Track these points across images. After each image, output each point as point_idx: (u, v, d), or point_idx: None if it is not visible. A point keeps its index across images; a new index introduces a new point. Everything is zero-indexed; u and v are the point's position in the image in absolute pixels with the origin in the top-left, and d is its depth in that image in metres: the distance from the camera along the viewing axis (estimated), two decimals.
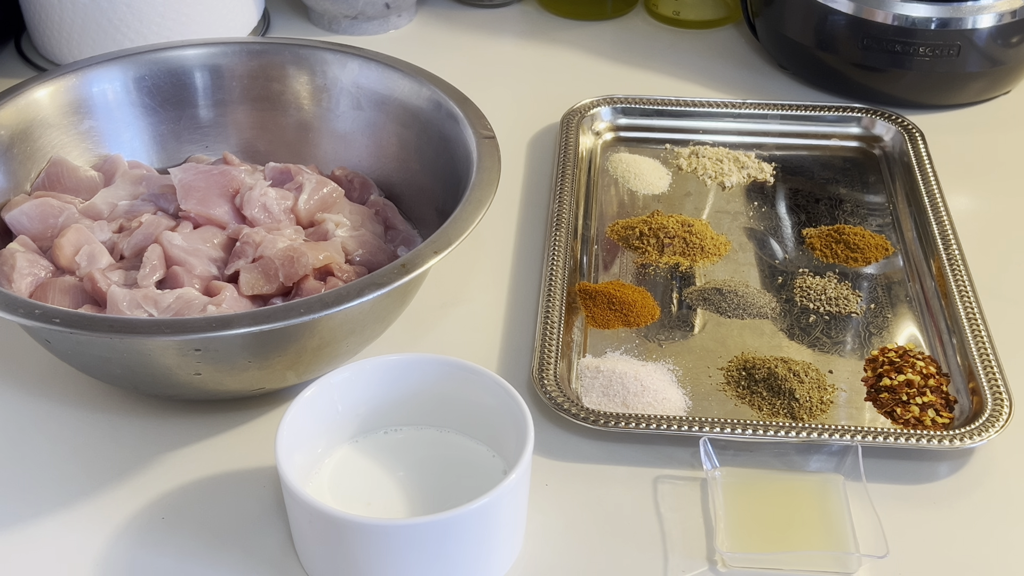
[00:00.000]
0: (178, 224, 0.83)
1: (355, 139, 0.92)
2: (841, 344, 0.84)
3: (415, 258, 0.72)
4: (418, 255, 0.72)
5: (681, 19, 1.23)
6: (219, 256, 0.81)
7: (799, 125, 1.05)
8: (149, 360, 0.72)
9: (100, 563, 0.69)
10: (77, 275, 0.80)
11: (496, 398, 0.70)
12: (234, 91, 0.93)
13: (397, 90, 0.90)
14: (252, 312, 0.68)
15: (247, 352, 0.71)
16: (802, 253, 0.93)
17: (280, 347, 0.72)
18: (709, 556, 0.70)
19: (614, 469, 0.75)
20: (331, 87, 0.92)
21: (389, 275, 0.70)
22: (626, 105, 1.06)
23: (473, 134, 0.83)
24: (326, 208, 0.85)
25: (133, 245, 0.81)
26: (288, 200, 0.84)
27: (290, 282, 0.78)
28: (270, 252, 0.79)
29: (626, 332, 0.85)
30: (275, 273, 0.78)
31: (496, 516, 0.66)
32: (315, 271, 0.79)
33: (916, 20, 1.04)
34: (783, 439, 0.75)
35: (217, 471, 0.75)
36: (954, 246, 0.90)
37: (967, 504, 0.73)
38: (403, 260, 0.71)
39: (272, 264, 0.78)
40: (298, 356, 0.73)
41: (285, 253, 0.79)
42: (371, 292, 0.69)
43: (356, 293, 0.69)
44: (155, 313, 0.75)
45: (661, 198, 0.98)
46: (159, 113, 0.93)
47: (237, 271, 0.79)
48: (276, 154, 0.93)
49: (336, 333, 0.74)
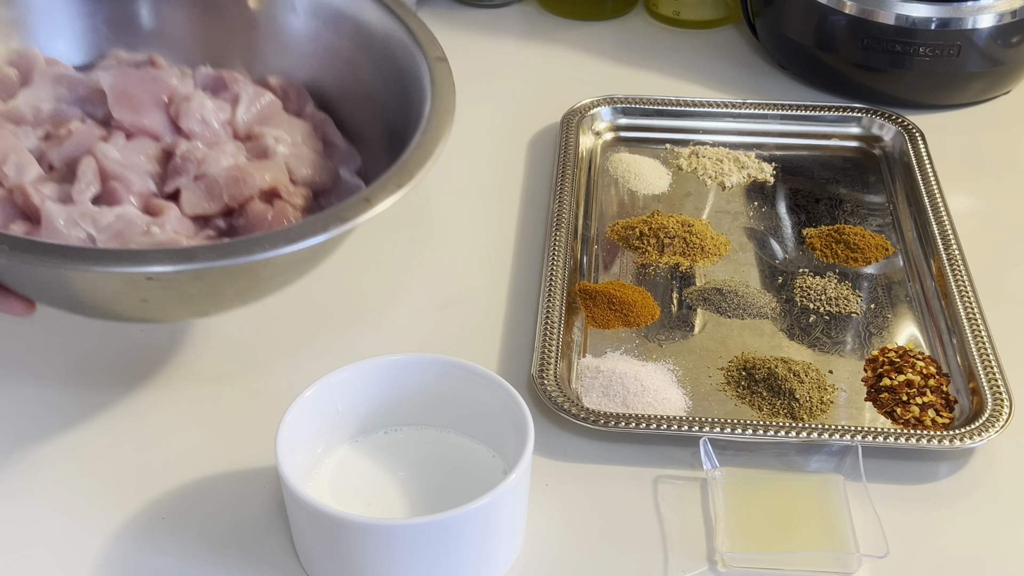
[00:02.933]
0: (110, 134, 0.78)
1: (292, 46, 0.87)
2: (841, 344, 0.84)
3: (378, 191, 0.69)
4: (381, 188, 0.69)
5: (681, 19, 1.23)
6: (156, 170, 0.77)
7: (799, 125, 1.05)
8: (96, 285, 0.69)
9: (100, 563, 0.69)
10: (4, 186, 0.74)
11: (496, 398, 0.70)
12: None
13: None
14: (216, 246, 0.65)
15: (200, 282, 0.69)
16: (802, 253, 0.93)
17: (233, 277, 0.70)
18: (709, 556, 0.70)
19: (614, 469, 0.75)
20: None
21: (353, 209, 0.67)
22: (626, 105, 1.06)
23: (424, 56, 0.79)
24: (264, 121, 0.81)
25: (64, 156, 0.76)
26: (226, 112, 0.80)
27: (235, 203, 0.75)
28: (214, 171, 0.76)
29: (626, 332, 0.85)
30: (219, 193, 0.75)
31: (496, 516, 0.66)
32: (261, 193, 0.76)
33: (916, 20, 1.04)
34: (783, 439, 0.75)
35: (217, 471, 0.75)
36: (954, 246, 0.90)
37: (967, 504, 0.73)
38: (366, 193, 0.68)
39: (216, 184, 0.75)
40: (249, 285, 0.72)
41: (230, 172, 0.75)
42: (336, 227, 0.66)
43: (321, 227, 0.66)
44: (94, 232, 0.71)
45: (661, 198, 0.98)
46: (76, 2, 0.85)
47: (178, 189, 0.76)
48: (204, 54, 0.86)
49: (291, 264, 0.73)
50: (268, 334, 0.85)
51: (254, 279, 0.72)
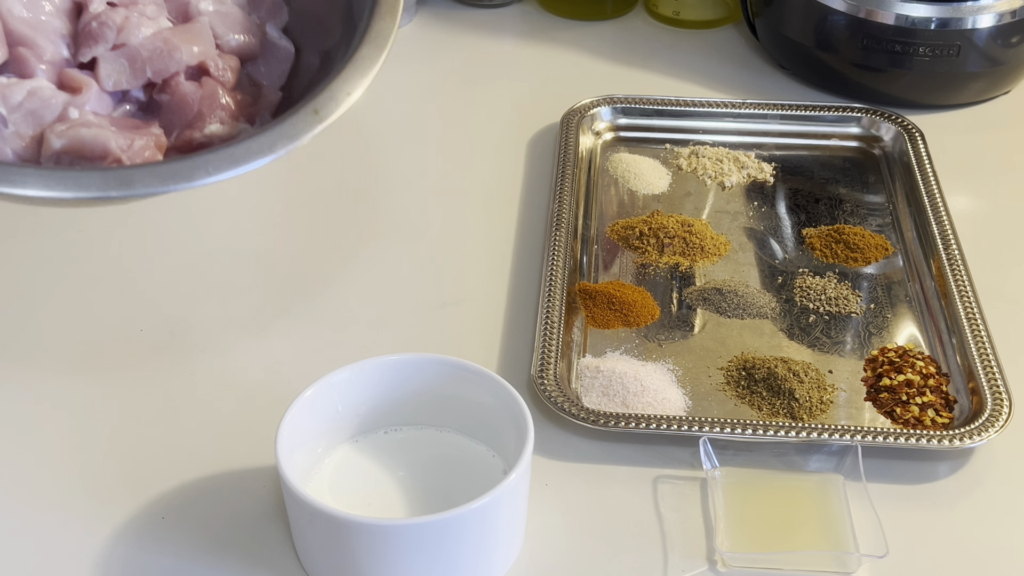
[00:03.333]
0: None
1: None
2: (841, 344, 0.84)
3: (327, 102, 0.65)
4: (330, 98, 0.65)
5: (681, 19, 1.23)
6: (67, 29, 0.71)
7: (799, 125, 1.05)
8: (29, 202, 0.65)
9: (100, 563, 0.69)
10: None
11: (496, 398, 0.70)
12: None
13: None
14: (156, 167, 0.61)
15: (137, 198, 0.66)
16: (802, 253, 0.93)
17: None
18: (709, 556, 0.70)
19: (614, 469, 0.75)
20: None
21: (301, 124, 0.64)
22: (626, 105, 1.06)
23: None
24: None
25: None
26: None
27: (159, 78, 0.71)
28: (135, 40, 0.70)
29: (626, 332, 0.85)
30: (142, 67, 0.70)
31: (496, 516, 0.66)
32: (187, 69, 0.72)
33: (916, 20, 1.04)
34: (783, 439, 0.75)
35: (217, 471, 0.75)
36: (954, 246, 0.90)
37: (967, 504, 0.73)
38: (315, 104, 0.65)
39: (138, 56, 0.70)
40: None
41: (154, 44, 0.70)
42: (284, 146, 0.63)
43: (268, 148, 0.62)
44: (3, 112, 0.66)
45: (661, 198, 0.98)
46: None
47: (94, 58, 0.70)
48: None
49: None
50: (268, 334, 0.85)
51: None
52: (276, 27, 0.79)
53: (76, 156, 0.66)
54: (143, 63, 0.70)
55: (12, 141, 0.67)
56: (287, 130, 0.63)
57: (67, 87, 0.69)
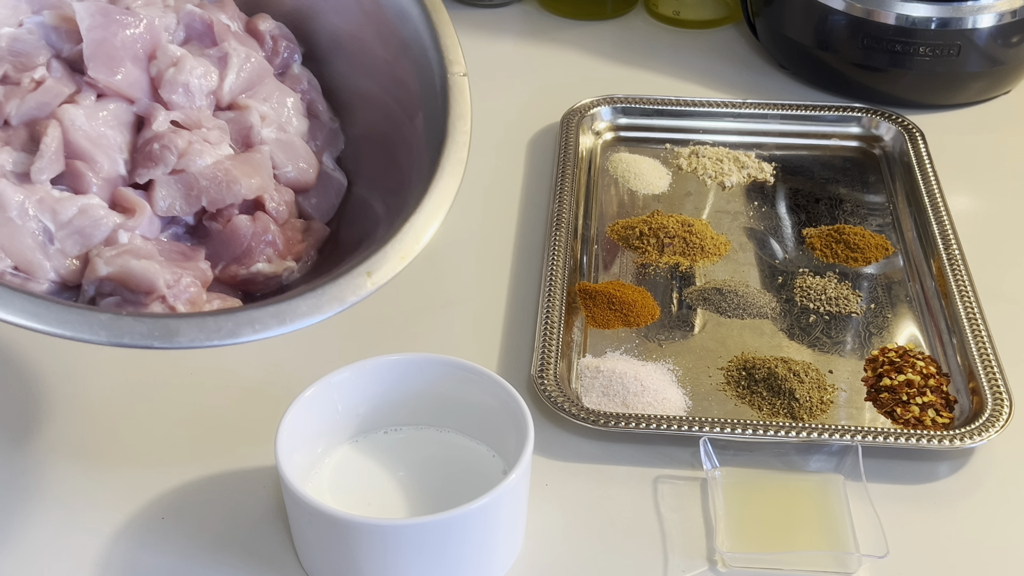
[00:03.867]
0: (79, 92, 0.69)
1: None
2: (841, 344, 0.84)
3: (380, 262, 0.64)
4: (384, 260, 0.64)
5: (681, 19, 1.23)
6: (126, 142, 0.70)
7: (799, 125, 1.05)
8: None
9: (100, 563, 0.69)
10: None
11: (496, 398, 0.70)
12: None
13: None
14: (202, 321, 0.59)
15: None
16: (802, 253, 0.93)
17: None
18: (709, 556, 0.70)
19: (614, 469, 0.75)
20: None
21: (352, 286, 0.62)
22: (626, 105, 1.06)
23: (439, 63, 0.74)
24: (250, 87, 0.74)
25: (26, 114, 0.68)
26: (212, 80, 0.72)
27: (213, 208, 0.69)
28: (195, 168, 0.69)
29: (626, 332, 0.85)
30: (198, 195, 0.69)
31: (496, 516, 0.66)
32: (243, 203, 0.70)
33: (916, 20, 1.04)
34: (783, 439, 0.75)
35: (217, 471, 0.75)
36: (954, 246, 0.90)
37: (967, 504, 0.73)
38: (368, 266, 0.63)
39: (196, 184, 0.69)
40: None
41: (213, 173, 0.69)
42: (332, 308, 0.62)
43: (316, 310, 0.61)
44: (52, 227, 0.64)
45: (661, 198, 0.98)
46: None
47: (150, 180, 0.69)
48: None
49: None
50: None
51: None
52: (331, 157, 0.78)
53: (120, 285, 0.65)
54: (200, 191, 0.69)
55: (56, 259, 0.66)
56: (337, 292, 0.62)
57: (119, 207, 0.68)
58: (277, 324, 0.60)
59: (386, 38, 0.76)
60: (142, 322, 0.58)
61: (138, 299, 0.64)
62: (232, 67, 0.73)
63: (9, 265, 0.64)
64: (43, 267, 0.65)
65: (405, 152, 0.74)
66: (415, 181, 0.69)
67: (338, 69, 0.80)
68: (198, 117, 0.71)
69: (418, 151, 0.71)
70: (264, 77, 0.76)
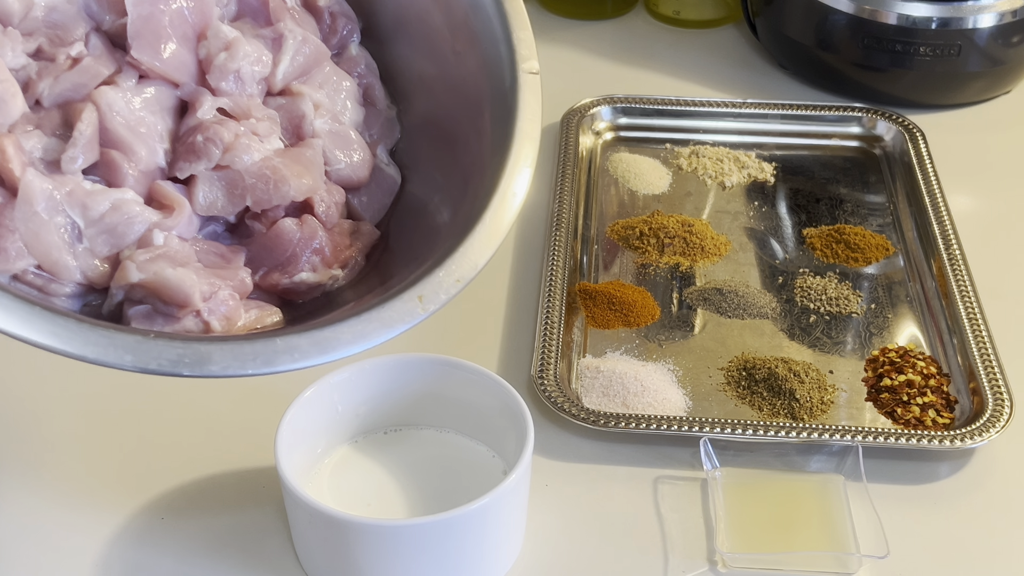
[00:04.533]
0: (119, 71, 0.63)
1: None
2: (841, 344, 0.84)
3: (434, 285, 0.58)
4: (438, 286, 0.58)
5: (681, 18, 1.23)
6: (168, 129, 0.64)
7: (799, 125, 1.05)
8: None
9: (99, 564, 0.69)
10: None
11: (496, 398, 0.70)
12: None
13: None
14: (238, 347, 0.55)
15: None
16: (802, 253, 0.92)
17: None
18: (709, 556, 0.70)
19: (614, 469, 0.75)
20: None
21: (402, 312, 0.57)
22: (626, 105, 1.06)
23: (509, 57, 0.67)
24: (305, 73, 0.68)
25: (59, 96, 0.61)
26: (265, 66, 0.66)
27: (258, 208, 0.63)
28: (242, 164, 0.62)
29: (626, 332, 0.84)
30: (242, 194, 0.62)
31: (496, 516, 0.66)
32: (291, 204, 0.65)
33: (917, 20, 1.04)
34: (783, 439, 0.75)
35: (217, 471, 0.75)
36: (955, 246, 0.90)
37: (968, 504, 0.73)
38: (420, 290, 0.58)
39: (241, 181, 0.62)
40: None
41: (260, 171, 0.62)
42: (379, 336, 0.57)
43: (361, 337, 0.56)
44: (81, 223, 0.59)
45: (661, 198, 0.98)
46: None
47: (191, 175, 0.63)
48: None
49: None
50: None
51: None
52: (386, 150, 0.71)
53: (151, 294, 0.59)
54: (244, 190, 0.62)
55: (84, 259, 0.60)
56: (385, 317, 0.56)
57: (156, 203, 0.62)
58: (318, 353, 0.55)
59: (455, 24, 0.69)
60: (172, 346, 0.54)
61: (171, 311, 0.59)
62: (287, 51, 0.66)
63: (32, 263, 0.59)
64: (68, 268, 0.59)
65: (466, 151, 0.68)
66: (476, 188, 0.64)
67: (399, 52, 0.73)
68: (247, 106, 0.65)
69: (481, 153, 0.65)
70: (321, 61, 0.69)
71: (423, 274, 0.59)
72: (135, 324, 0.59)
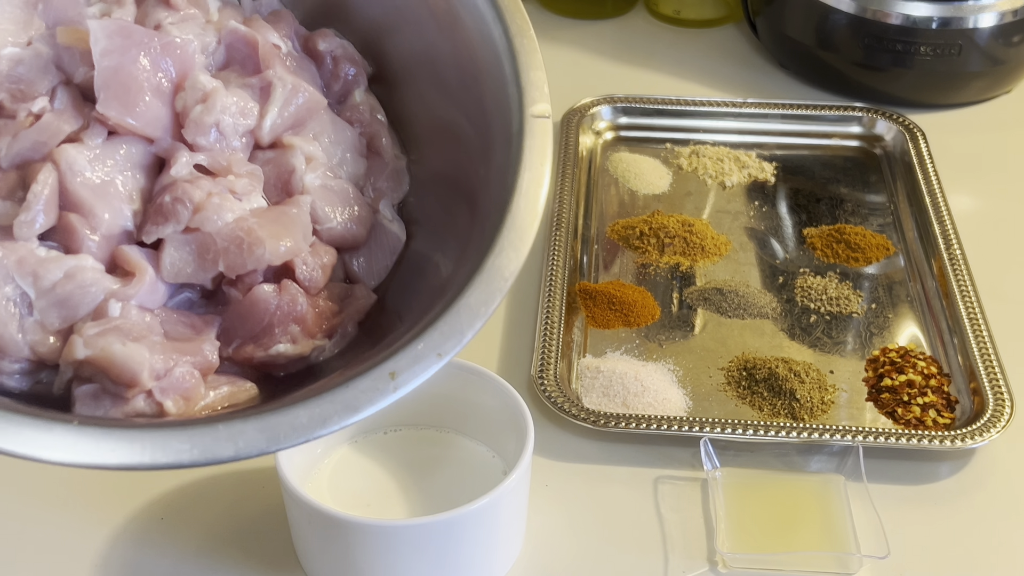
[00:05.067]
0: (85, 128, 0.58)
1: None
2: (842, 344, 0.84)
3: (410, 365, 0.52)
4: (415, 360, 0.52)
5: (682, 18, 1.23)
6: (139, 189, 0.58)
7: (800, 124, 1.05)
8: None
9: (99, 563, 0.69)
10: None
11: (496, 398, 0.70)
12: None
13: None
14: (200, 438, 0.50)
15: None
16: (803, 253, 0.92)
17: None
18: (710, 557, 0.70)
19: (614, 470, 0.75)
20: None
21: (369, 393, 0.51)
22: (626, 104, 1.06)
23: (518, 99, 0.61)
24: (298, 124, 0.62)
25: (17, 155, 0.57)
26: (250, 118, 0.60)
27: (233, 274, 0.58)
28: (213, 226, 0.57)
29: (626, 332, 0.84)
30: (214, 259, 0.57)
31: (496, 516, 0.65)
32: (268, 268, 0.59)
33: (917, 19, 1.04)
34: (784, 439, 0.74)
35: (217, 471, 0.75)
36: (955, 246, 0.90)
37: (968, 505, 0.73)
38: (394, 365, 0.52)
39: (213, 245, 0.57)
40: None
41: (234, 233, 0.57)
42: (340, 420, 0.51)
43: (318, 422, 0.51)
44: (32, 293, 0.54)
45: (661, 198, 0.98)
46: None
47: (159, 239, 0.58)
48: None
49: None
50: None
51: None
52: (390, 204, 0.65)
53: (99, 372, 0.54)
54: (216, 254, 0.57)
55: (32, 333, 0.55)
56: (349, 398, 0.51)
57: (119, 269, 0.57)
58: (266, 442, 0.50)
59: (463, 63, 0.64)
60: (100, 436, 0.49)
61: (119, 391, 0.54)
62: (275, 101, 0.61)
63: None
64: (15, 343, 0.54)
65: (471, 203, 0.62)
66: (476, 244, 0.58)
67: (412, 96, 0.68)
68: (228, 161, 0.59)
69: (484, 206, 0.60)
70: (315, 112, 0.63)
71: (401, 347, 0.53)
72: (80, 405, 0.54)
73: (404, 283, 0.64)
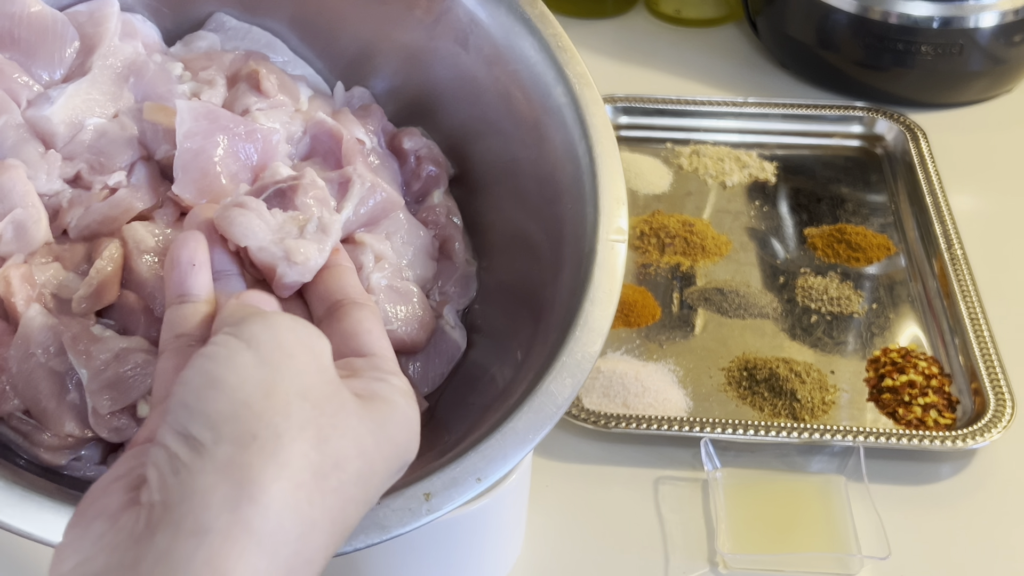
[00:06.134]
0: (159, 206, 0.58)
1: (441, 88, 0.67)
2: (843, 344, 0.84)
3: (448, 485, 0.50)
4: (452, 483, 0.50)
5: (682, 17, 1.23)
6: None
7: (801, 124, 1.05)
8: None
9: None
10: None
11: None
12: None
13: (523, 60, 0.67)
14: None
15: None
16: (804, 253, 0.92)
17: None
18: (710, 557, 0.70)
19: (615, 470, 0.75)
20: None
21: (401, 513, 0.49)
22: (627, 104, 1.05)
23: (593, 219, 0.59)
24: (372, 222, 0.60)
25: (85, 227, 0.56)
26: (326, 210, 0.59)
27: None
28: None
29: (627, 332, 0.84)
30: None
31: (496, 516, 0.65)
32: None
33: (918, 19, 1.04)
34: (785, 440, 0.74)
35: None
36: (956, 246, 0.89)
37: (969, 505, 0.73)
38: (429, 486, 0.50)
39: None
40: None
41: None
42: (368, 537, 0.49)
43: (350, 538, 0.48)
44: (84, 373, 0.52)
45: (662, 197, 0.98)
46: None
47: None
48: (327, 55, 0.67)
49: None
50: None
51: None
52: (454, 310, 0.64)
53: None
54: None
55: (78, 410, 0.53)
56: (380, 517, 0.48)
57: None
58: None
59: (544, 177, 0.63)
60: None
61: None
62: (351, 197, 0.58)
63: (18, 407, 0.53)
64: (58, 419, 0.53)
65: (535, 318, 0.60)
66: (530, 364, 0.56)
67: (488, 203, 0.67)
68: None
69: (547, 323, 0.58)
70: (392, 209, 0.61)
71: (439, 467, 0.51)
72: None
73: (457, 394, 0.62)
